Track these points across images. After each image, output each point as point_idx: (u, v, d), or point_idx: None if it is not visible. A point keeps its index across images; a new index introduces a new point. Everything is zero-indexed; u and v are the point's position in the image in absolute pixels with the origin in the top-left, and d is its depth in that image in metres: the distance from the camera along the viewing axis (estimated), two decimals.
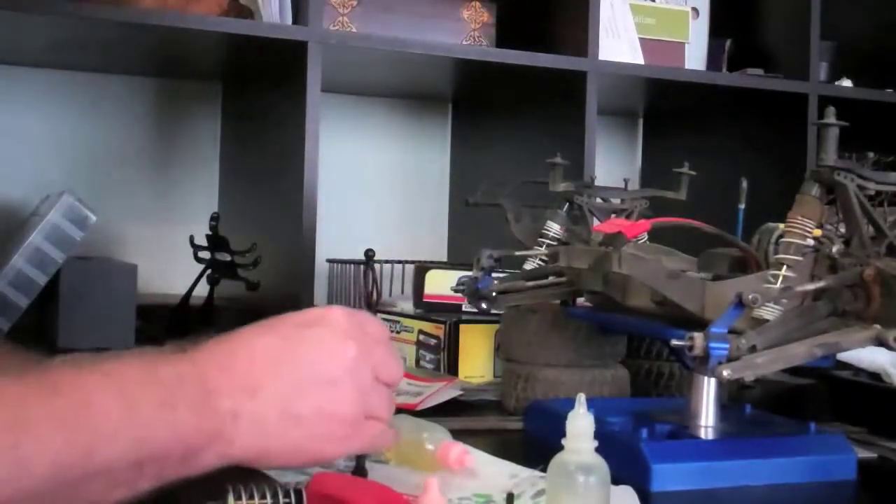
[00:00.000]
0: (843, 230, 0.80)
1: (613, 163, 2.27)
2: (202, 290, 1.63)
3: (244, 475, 0.66)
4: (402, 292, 1.77)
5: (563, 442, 0.63)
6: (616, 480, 0.66)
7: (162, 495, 0.66)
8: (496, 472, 0.76)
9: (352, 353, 0.66)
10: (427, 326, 1.25)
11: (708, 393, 0.86)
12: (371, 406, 0.67)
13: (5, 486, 0.53)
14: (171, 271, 1.82)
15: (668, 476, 0.77)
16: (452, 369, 1.20)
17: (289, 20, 1.58)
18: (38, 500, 0.55)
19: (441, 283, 1.34)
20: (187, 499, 0.66)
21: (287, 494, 0.63)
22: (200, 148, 1.99)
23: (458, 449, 0.75)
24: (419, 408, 0.99)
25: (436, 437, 0.77)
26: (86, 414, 0.57)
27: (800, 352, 0.73)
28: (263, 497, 0.63)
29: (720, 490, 0.77)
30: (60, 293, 1.44)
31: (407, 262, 1.83)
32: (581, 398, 0.63)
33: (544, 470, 0.73)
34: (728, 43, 2.05)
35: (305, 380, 0.64)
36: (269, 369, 0.64)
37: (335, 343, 0.66)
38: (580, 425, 0.63)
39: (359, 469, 0.72)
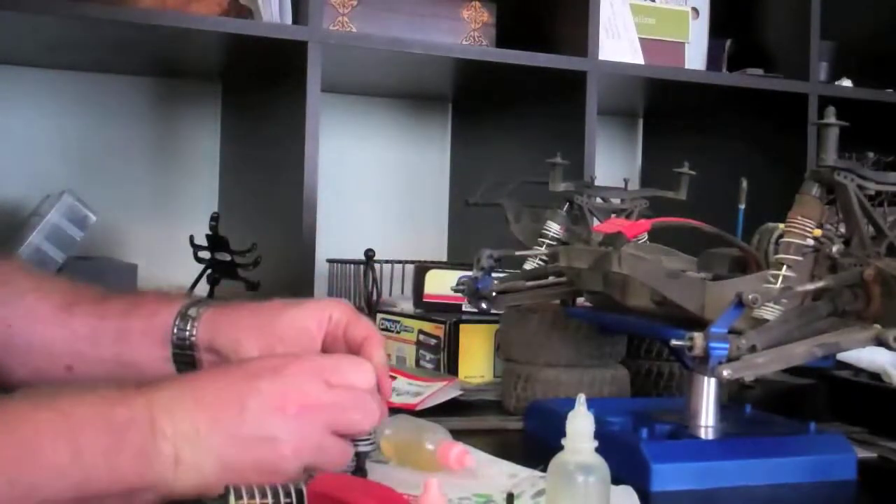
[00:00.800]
0: (843, 230, 0.80)
1: (613, 163, 2.27)
2: (202, 290, 1.63)
3: None
4: (402, 292, 1.77)
5: (563, 442, 0.63)
6: (616, 480, 0.66)
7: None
8: (496, 472, 0.76)
9: (296, 409, 0.66)
10: (427, 326, 1.24)
11: (708, 393, 0.86)
12: (318, 461, 0.67)
13: None
14: (171, 271, 1.82)
15: (668, 476, 0.77)
16: (452, 369, 1.20)
17: (289, 20, 1.58)
18: None
19: (441, 283, 1.34)
20: (188, 499, 0.66)
21: (288, 494, 0.63)
22: (200, 148, 1.99)
23: (458, 449, 0.75)
24: (419, 408, 0.99)
25: (436, 437, 0.77)
26: (33, 456, 0.59)
27: (800, 352, 0.73)
28: (264, 496, 0.63)
29: (720, 490, 0.77)
30: None
31: (407, 262, 1.83)
32: (581, 398, 0.63)
33: (544, 470, 0.73)
34: (728, 43, 2.05)
35: (247, 434, 0.65)
36: (213, 419, 0.65)
37: (285, 397, 0.66)
38: (580, 425, 0.63)
39: (359, 469, 0.72)
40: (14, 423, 0.60)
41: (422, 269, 1.40)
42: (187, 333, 0.80)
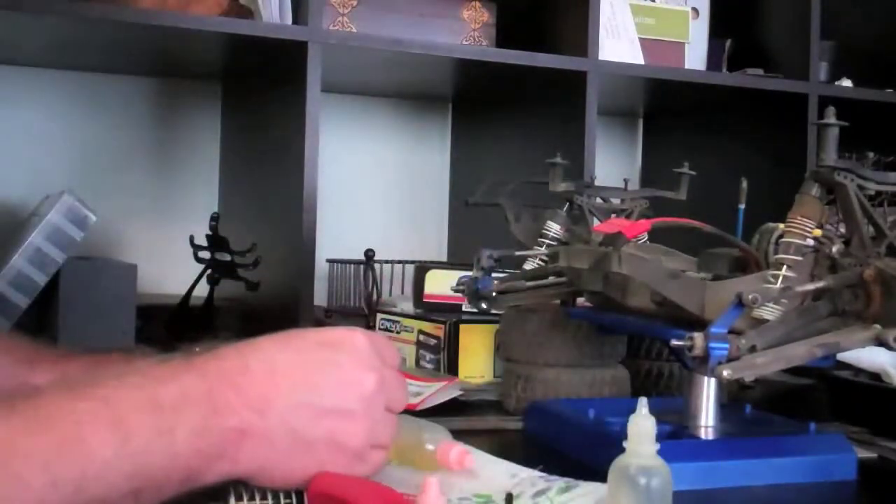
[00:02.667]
0: (843, 230, 0.80)
1: (613, 163, 2.27)
2: (202, 290, 1.63)
3: None
4: (402, 292, 1.77)
5: (625, 444, 0.62)
6: None
7: None
8: (496, 472, 0.76)
9: (371, 385, 0.65)
10: (427, 326, 1.24)
11: (708, 393, 0.86)
12: (379, 436, 0.66)
13: None
14: (171, 271, 1.82)
15: None
16: (452, 369, 1.20)
17: (289, 20, 1.58)
18: None
19: (441, 283, 1.34)
20: (187, 499, 0.65)
21: (288, 495, 0.63)
22: (200, 148, 1.99)
23: (458, 449, 0.75)
24: (419, 408, 0.99)
25: (436, 437, 0.76)
26: (77, 450, 0.55)
27: (800, 352, 0.73)
28: (264, 497, 0.63)
29: (720, 490, 0.77)
30: (60, 293, 1.44)
31: (407, 262, 1.83)
32: (643, 401, 0.62)
33: (544, 470, 0.73)
34: (728, 43, 2.05)
35: (321, 406, 0.63)
36: (284, 390, 0.62)
37: (356, 372, 0.65)
38: (642, 427, 0.62)
39: None
40: (52, 417, 0.56)
41: (422, 269, 1.40)
42: None
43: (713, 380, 0.85)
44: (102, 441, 0.56)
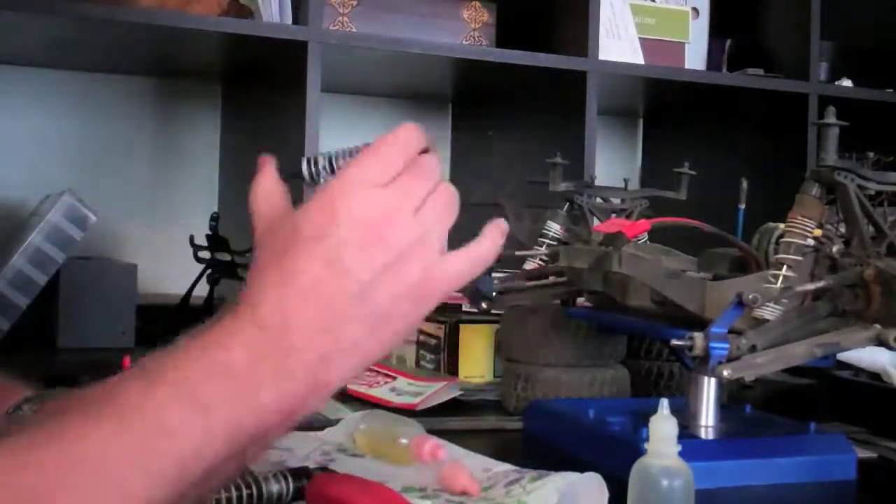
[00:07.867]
0: (843, 230, 0.80)
1: (613, 163, 2.27)
2: (202, 290, 1.63)
3: None
4: None
5: (646, 446, 0.62)
6: (612, 479, 0.66)
7: None
8: (471, 467, 0.76)
9: (395, 221, 0.61)
10: (427, 326, 1.24)
11: (708, 393, 0.86)
12: (430, 222, 0.63)
13: None
14: (171, 271, 1.82)
15: None
16: (452, 369, 1.20)
17: (289, 20, 1.58)
18: None
19: None
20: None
21: (276, 478, 0.63)
22: (200, 148, 1.99)
23: (432, 443, 0.75)
24: (419, 408, 0.99)
25: (409, 432, 0.77)
26: (167, 441, 0.54)
27: (800, 352, 0.73)
28: (249, 487, 0.63)
29: (720, 490, 0.77)
30: (60, 293, 1.44)
31: None
32: (664, 402, 0.62)
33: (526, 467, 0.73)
34: (728, 43, 2.05)
35: (368, 280, 0.59)
36: (330, 300, 0.58)
37: (372, 231, 0.60)
38: (664, 428, 0.62)
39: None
40: (135, 412, 0.54)
41: None
42: None
43: (713, 380, 0.85)
44: (188, 424, 0.54)
